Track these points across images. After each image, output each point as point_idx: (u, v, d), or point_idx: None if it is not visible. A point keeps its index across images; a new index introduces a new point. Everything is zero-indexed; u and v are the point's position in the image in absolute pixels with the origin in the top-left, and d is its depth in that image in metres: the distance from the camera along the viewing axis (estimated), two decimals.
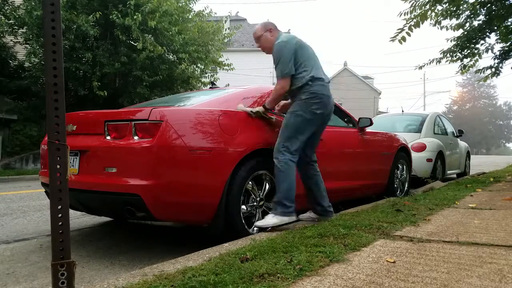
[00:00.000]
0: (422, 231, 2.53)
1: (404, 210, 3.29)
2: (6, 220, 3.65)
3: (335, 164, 3.75)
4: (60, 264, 1.24)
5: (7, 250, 2.66)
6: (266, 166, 2.83)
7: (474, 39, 7.22)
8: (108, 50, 9.98)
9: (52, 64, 1.23)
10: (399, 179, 4.87)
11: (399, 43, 6.28)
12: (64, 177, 1.26)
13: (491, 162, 18.97)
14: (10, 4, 9.88)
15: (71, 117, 2.75)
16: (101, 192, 2.44)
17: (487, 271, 1.70)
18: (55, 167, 1.24)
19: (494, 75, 7.86)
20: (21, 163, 9.87)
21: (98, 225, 3.47)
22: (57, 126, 1.25)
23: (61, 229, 1.25)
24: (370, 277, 1.62)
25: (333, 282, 1.56)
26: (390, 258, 1.89)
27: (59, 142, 1.25)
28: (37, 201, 4.82)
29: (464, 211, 3.34)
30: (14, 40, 10.42)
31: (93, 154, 2.51)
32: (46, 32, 1.24)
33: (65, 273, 1.25)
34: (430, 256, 1.95)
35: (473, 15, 6.95)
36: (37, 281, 2.04)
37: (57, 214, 1.25)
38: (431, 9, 6.50)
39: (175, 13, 10.26)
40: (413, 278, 1.61)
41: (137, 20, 9.35)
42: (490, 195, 4.51)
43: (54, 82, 1.24)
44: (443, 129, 7.55)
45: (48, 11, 1.23)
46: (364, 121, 4.18)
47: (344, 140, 3.97)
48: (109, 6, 9.74)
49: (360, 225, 2.62)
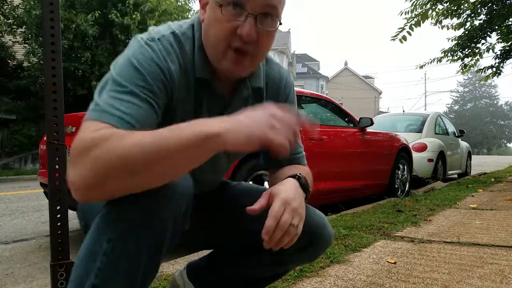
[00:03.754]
0: (423, 232, 2.52)
1: (405, 210, 3.28)
2: (4, 220, 3.63)
3: (336, 164, 3.74)
4: (59, 264, 1.23)
5: (5, 250, 2.65)
6: None
7: (475, 39, 7.21)
8: (107, 49, 9.97)
9: (51, 63, 1.22)
10: (400, 179, 4.86)
11: (400, 42, 6.28)
12: (63, 177, 1.24)
13: (492, 162, 18.97)
14: (9, 4, 9.87)
15: (70, 118, 2.73)
16: None
17: (488, 271, 1.69)
18: (54, 167, 1.23)
19: (495, 74, 7.85)
20: (19, 163, 9.86)
21: None
22: (56, 126, 1.23)
23: (60, 230, 1.24)
24: (370, 278, 1.61)
25: (334, 283, 1.55)
26: (391, 259, 1.88)
27: (58, 142, 1.24)
28: (36, 201, 4.81)
29: (465, 212, 3.34)
30: (13, 39, 10.42)
31: None
32: (45, 31, 1.23)
33: (64, 273, 1.24)
34: (431, 256, 1.94)
35: (474, 14, 6.95)
36: (36, 282, 2.02)
37: (56, 215, 1.24)
38: (432, 8, 6.50)
39: (175, 12, 10.26)
40: (414, 278, 1.60)
41: (136, 20, 9.34)
42: (491, 195, 4.50)
43: (53, 81, 1.22)
44: (444, 129, 7.54)
45: (47, 10, 1.22)
46: (364, 121, 4.17)
47: (344, 140, 3.96)
48: (108, 5, 9.72)
49: (360, 226, 2.61)
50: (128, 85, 0.73)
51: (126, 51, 0.80)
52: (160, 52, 0.79)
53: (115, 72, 0.76)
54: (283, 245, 0.80)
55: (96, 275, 0.69)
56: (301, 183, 0.89)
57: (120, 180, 0.63)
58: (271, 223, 0.77)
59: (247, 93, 0.93)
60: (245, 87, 0.93)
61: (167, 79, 0.79)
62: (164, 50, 0.80)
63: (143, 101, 0.73)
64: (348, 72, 42.69)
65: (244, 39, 0.78)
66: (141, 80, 0.75)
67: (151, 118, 0.74)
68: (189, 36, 0.86)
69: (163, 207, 0.70)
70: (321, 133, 3.57)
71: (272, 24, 0.81)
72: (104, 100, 0.72)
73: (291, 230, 0.79)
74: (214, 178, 1.09)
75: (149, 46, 0.79)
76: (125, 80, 0.74)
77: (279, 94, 1.01)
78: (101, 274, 0.69)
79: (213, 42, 0.81)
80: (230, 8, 0.77)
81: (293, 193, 0.83)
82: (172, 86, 0.81)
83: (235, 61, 0.81)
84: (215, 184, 1.11)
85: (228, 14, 0.77)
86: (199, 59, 0.85)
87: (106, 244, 0.69)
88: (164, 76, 0.78)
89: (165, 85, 0.79)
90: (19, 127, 10.14)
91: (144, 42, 0.80)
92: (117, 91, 0.73)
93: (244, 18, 0.77)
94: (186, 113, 0.85)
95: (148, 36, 0.81)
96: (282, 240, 0.79)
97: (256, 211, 0.79)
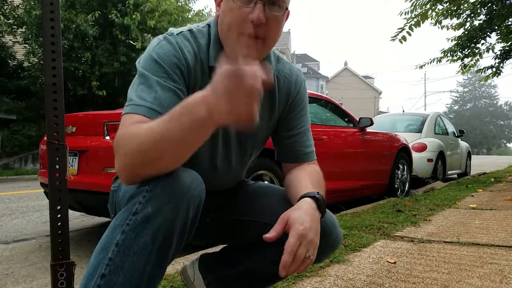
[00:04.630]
0: (423, 232, 2.52)
1: (405, 210, 3.29)
2: (5, 220, 3.64)
3: (335, 164, 3.74)
4: (59, 264, 1.23)
5: (6, 250, 2.65)
6: (265, 166, 2.82)
7: (475, 39, 7.21)
8: (107, 49, 9.96)
9: (51, 64, 1.22)
10: (400, 179, 4.86)
11: (400, 42, 6.28)
12: (63, 177, 1.25)
13: (492, 162, 18.98)
14: (9, 4, 9.86)
15: (70, 118, 2.74)
16: (100, 193, 2.43)
17: (487, 271, 1.70)
18: (54, 167, 1.23)
19: (495, 74, 7.86)
20: (20, 163, 9.86)
21: (97, 226, 3.46)
22: (56, 126, 1.23)
23: (60, 230, 1.24)
24: (370, 278, 1.61)
25: (334, 283, 1.55)
26: (391, 259, 1.88)
27: (58, 142, 1.24)
28: (36, 201, 4.81)
29: (465, 212, 3.34)
30: (13, 39, 10.41)
31: (93, 154, 2.49)
32: (45, 31, 1.23)
33: (64, 273, 1.24)
34: (430, 256, 1.94)
35: (474, 14, 6.95)
36: (36, 282, 2.03)
37: (56, 215, 1.24)
38: (431, 9, 6.51)
39: (175, 12, 10.25)
40: (414, 278, 1.61)
41: (136, 20, 9.34)
42: (491, 195, 4.50)
43: (53, 82, 1.22)
44: (444, 129, 7.54)
45: (47, 10, 1.22)
46: (364, 121, 4.17)
47: (344, 140, 3.96)
48: (108, 5, 9.72)
49: (360, 226, 2.61)
50: (152, 76, 0.86)
51: (148, 47, 0.92)
52: (177, 44, 0.91)
53: (140, 66, 0.89)
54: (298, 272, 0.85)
55: (107, 265, 0.73)
56: (318, 205, 0.90)
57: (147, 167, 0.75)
58: (288, 259, 0.80)
59: None
60: None
61: (184, 66, 0.90)
62: (180, 42, 0.92)
63: (166, 89, 0.85)
64: (348, 72, 42.68)
65: (255, 22, 0.87)
66: (162, 71, 0.87)
67: (175, 102, 0.83)
68: (205, 32, 0.98)
69: (174, 204, 0.76)
70: (321, 133, 3.58)
71: (279, 10, 0.90)
72: (135, 93, 0.85)
73: (306, 261, 0.83)
74: (228, 177, 1.11)
75: (167, 40, 0.91)
76: (149, 72, 0.87)
77: (290, 89, 1.09)
78: (111, 264, 0.73)
79: (227, 29, 0.92)
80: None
81: (309, 221, 0.85)
82: (189, 73, 0.92)
83: (248, 46, 0.89)
84: (231, 182, 1.14)
85: (239, 2, 0.88)
86: (213, 51, 0.95)
87: (119, 235, 0.75)
88: (181, 64, 0.90)
89: (182, 72, 0.90)
90: (19, 127, 10.13)
91: (163, 37, 0.92)
92: (143, 84, 0.86)
93: (253, 4, 0.88)
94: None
95: (167, 33, 0.94)
96: (297, 269, 0.83)
97: (272, 238, 0.81)
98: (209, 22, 1.00)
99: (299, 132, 1.10)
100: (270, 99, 1.05)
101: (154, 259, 0.75)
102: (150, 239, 0.74)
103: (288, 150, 1.10)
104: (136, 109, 0.82)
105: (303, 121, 1.11)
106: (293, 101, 1.10)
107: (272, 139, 1.15)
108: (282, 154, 1.13)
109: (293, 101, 1.10)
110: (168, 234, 0.76)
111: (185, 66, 0.90)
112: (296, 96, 1.10)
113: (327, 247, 1.00)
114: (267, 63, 1.00)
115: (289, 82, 1.08)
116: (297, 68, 1.13)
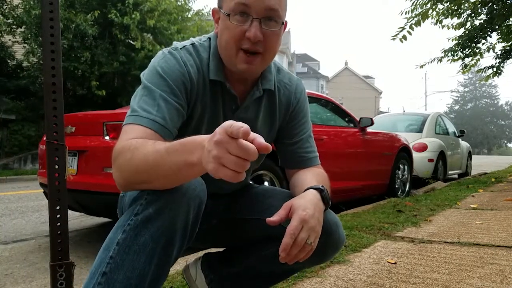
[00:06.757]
0: (424, 232, 2.51)
1: (405, 210, 3.28)
2: (4, 220, 3.63)
3: (336, 164, 3.73)
4: (58, 265, 1.23)
5: (5, 250, 2.64)
6: (265, 166, 2.82)
7: (476, 38, 7.20)
8: (106, 49, 9.96)
9: (51, 63, 1.22)
10: (400, 179, 4.85)
11: (400, 41, 6.28)
12: (63, 177, 1.24)
13: (493, 163, 18.98)
14: (8, 3, 9.85)
15: (69, 118, 2.73)
16: (99, 193, 2.42)
17: (488, 272, 1.69)
18: (53, 167, 1.23)
19: (496, 74, 7.85)
20: (19, 163, 9.85)
21: (96, 226, 3.46)
22: (55, 126, 1.23)
23: (60, 230, 1.23)
24: (371, 278, 1.61)
25: (334, 283, 1.55)
26: (391, 259, 1.88)
27: (57, 142, 1.23)
28: (36, 201, 4.81)
29: (466, 212, 3.33)
30: (13, 39, 10.40)
31: (92, 154, 2.49)
32: (45, 31, 1.22)
33: (64, 274, 1.23)
34: (431, 257, 1.94)
35: (474, 14, 6.94)
36: (36, 282, 2.02)
37: (56, 215, 1.23)
38: (432, 8, 6.50)
39: (174, 12, 10.24)
40: (414, 279, 1.60)
41: (135, 19, 9.34)
42: (491, 195, 4.50)
43: (53, 81, 1.22)
44: (445, 129, 7.53)
45: (47, 10, 1.22)
46: (365, 121, 4.16)
47: (345, 140, 3.95)
48: (107, 5, 9.71)
49: (361, 226, 2.61)
50: (155, 90, 0.89)
51: (153, 60, 0.95)
52: (181, 58, 0.94)
53: (145, 79, 0.92)
54: (298, 260, 0.85)
55: (108, 263, 0.76)
56: (322, 196, 0.92)
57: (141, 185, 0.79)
58: (288, 241, 0.81)
59: (258, 94, 1.04)
60: (257, 89, 1.03)
61: (187, 81, 0.93)
62: (184, 56, 0.95)
63: (168, 103, 0.89)
64: (348, 72, 42.68)
65: (252, 40, 0.89)
66: (165, 85, 0.90)
67: (176, 115, 0.90)
68: (206, 46, 1.01)
69: (174, 205, 0.78)
70: (321, 133, 3.57)
71: (276, 25, 0.91)
72: (138, 105, 0.88)
73: (306, 247, 0.84)
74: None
75: (172, 54, 0.95)
76: (153, 85, 0.90)
77: (290, 98, 1.11)
78: (112, 262, 0.75)
79: (226, 47, 0.93)
80: (237, 16, 0.89)
81: (312, 209, 0.86)
82: (192, 87, 0.95)
83: (246, 61, 0.92)
84: (236, 185, 1.15)
85: (236, 21, 0.89)
86: (213, 64, 0.98)
87: (120, 235, 0.77)
88: (184, 78, 0.93)
89: (185, 86, 0.93)
90: (18, 127, 10.13)
91: (167, 52, 0.95)
92: (147, 96, 0.89)
93: (250, 22, 0.89)
94: (204, 109, 0.99)
95: (171, 47, 0.97)
96: (297, 256, 0.84)
97: (276, 222, 0.84)
98: (210, 36, 1.03)
99: (301, 139, 1.12)
100: (271, 109, 1.08)
101: (156, 259, 0.77)
102: (150, 238, 0.76)
103: (291, 157, 1.12)
104: (139, 120, 0.86)
105: (304, 128, 1.13)
106: (294, 109, 1.12)
107: (275, 146, 1.16)
108: (285, 160, 1.14)
109: (294, 109, 1.12)
110: (168, 234, 0.78)
111: (188, 80, 0.93)
112: (297, 105, 1.12)
113: (329, 246, 1.00)
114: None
115: (289, 91, 1.11)
116: (296, 78, 1.16)
